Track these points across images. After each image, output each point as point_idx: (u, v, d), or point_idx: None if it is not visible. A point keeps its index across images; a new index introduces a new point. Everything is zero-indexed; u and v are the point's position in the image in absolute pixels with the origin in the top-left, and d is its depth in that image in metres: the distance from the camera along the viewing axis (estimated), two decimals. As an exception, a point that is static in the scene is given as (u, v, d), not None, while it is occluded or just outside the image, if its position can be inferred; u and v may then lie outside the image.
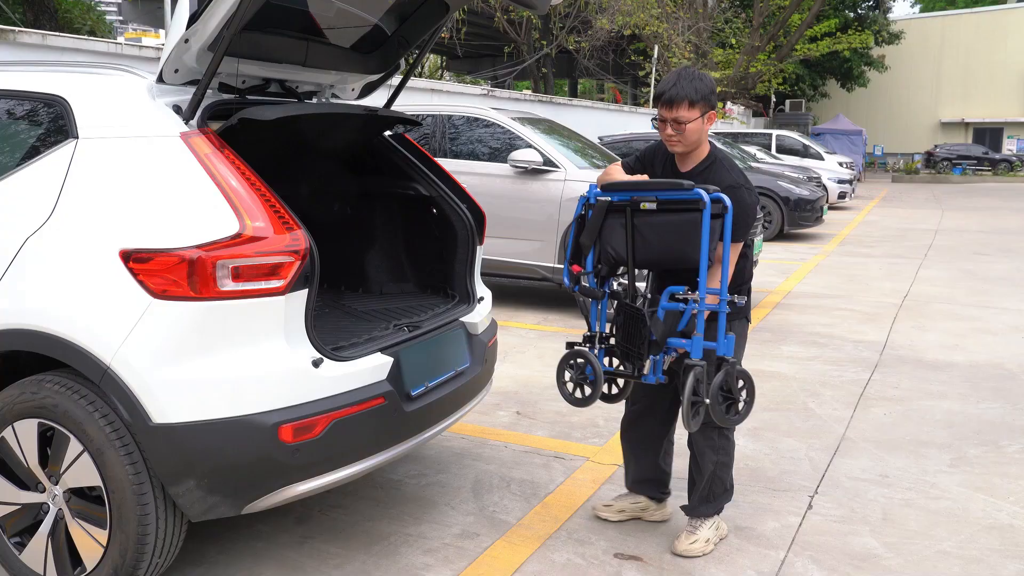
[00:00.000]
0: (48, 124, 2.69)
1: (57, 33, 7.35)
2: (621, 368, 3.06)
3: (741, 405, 2.91)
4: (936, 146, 37.57)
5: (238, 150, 3.18)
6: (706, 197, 2.71)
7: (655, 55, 22.37)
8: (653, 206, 2.82)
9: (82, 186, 2.52)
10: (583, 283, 3.07)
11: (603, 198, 2.93)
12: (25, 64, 3.01)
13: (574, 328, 6.66)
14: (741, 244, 2.96)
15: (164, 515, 2.50)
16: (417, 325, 3.16)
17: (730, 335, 2.87)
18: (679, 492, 3.30)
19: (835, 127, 28.86)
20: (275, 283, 2.44)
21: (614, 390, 3.17)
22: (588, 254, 3.01)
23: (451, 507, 3.44)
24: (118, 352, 2.38)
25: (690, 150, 2.98)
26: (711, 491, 3.10)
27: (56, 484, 2.57)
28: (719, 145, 2.86)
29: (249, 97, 3.02)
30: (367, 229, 3.91)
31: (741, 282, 3.07)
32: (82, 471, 2.49)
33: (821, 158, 18.94)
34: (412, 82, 11.31)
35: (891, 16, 35.79)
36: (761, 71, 26.05)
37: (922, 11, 48.57)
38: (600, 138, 12.34)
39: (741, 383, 2.91)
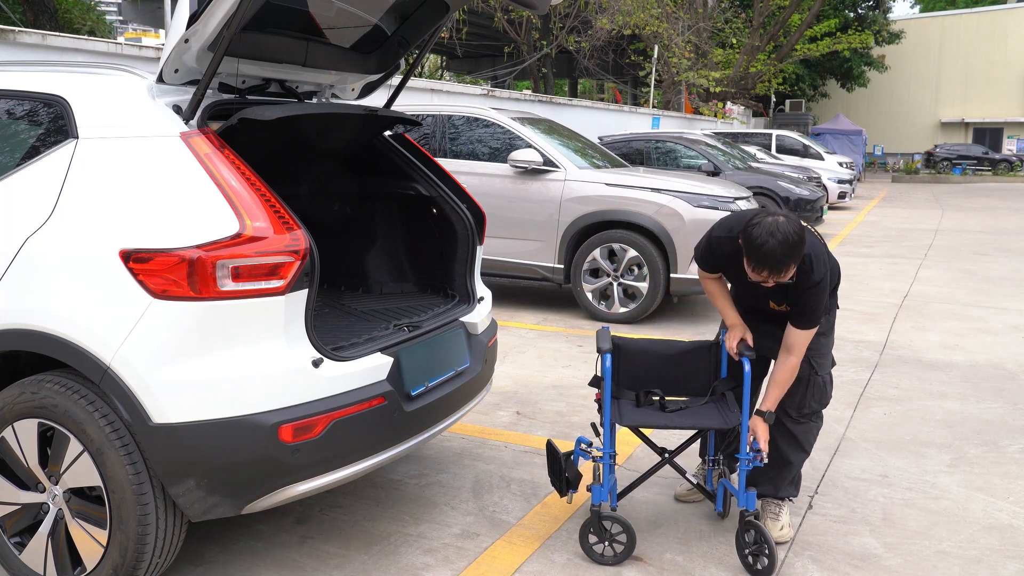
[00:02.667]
0: (48, 124, 2.69)
1: (57, 33, 7.35)
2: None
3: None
4: (936, 146, 37.57)
5: (238, 150, 3.19)
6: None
7: (655, 55, 22.37)
8: None
9: (82, 186, 2.52)
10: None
11: None
12: (25, 64, 3.00)
13: (574, 328, 6.66)
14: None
15: (164, 515, 2.50)
16: (417, 325, 3.16)
17: (750, 491, 2.98)
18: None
19: (835, 127, 28.85)
20: (275, 283, 2.44)
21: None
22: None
23: (451, 507, 3.44)
24: (118, 352, 2.38)
25: None
26: (797, 474, 3.26)
27: (56, 484, 2.57)
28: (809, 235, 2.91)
29: (249, 97, 3.02)
30: (367, 229, 3.91)
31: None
32: (82, 471, 2.49)
33: (821, 158, 18.94)
34: (412, 82, 11.30)
35: (891, 16, 35.79)
36: (761, 71, 26.07)
37: (922, 11, 48.56)
38: (600, 138, 12.35)
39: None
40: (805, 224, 2.84)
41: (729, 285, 3.26)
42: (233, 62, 2.86)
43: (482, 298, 3.65)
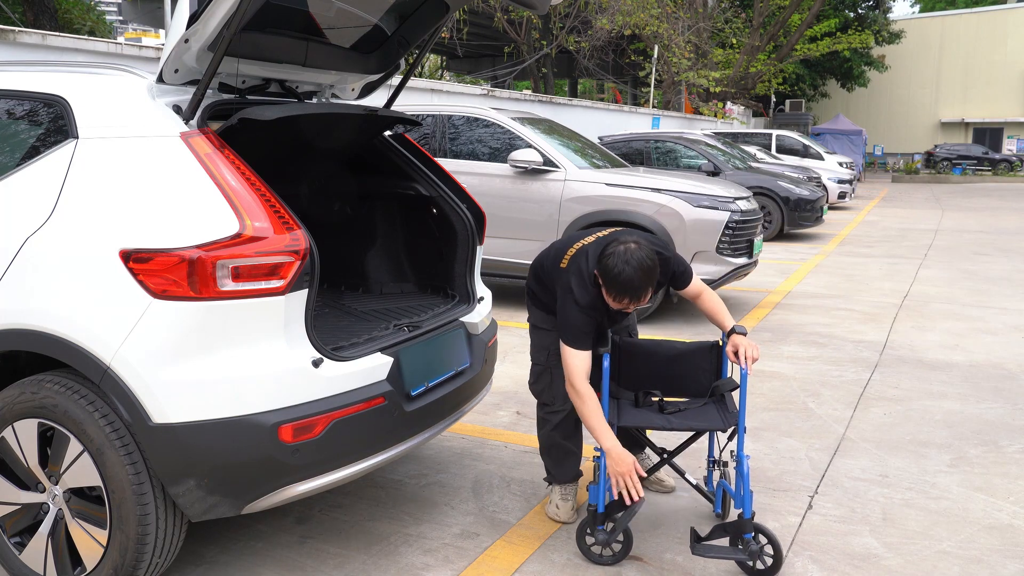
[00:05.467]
0: (48, 124, 2.69)
1: (57, 33, 7.35)
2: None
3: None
4: (936, 146, 37.57)
5: (238, 150, 3.19)
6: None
7: (655, 55, 22.37)
8: None
9: (82, 186, 2.52)
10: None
11: None
12: (25, 64, 3.00)
13: (574, 328, 6.65)
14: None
15: (164, 515, 2.50)
16: (417, 325, 3.16)
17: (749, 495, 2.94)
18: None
19: (835, 127, 28.85)
20: (275, 283, 2.44)
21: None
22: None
23: (451, 507, 3.44)
24: (118, 352, 2.38)
25: None
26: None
27: (56, 484, 2.57)
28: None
29: (249, 97, 3.02)
30: (367, 229, 3.91)
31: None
32: (82, 471, 2.49)
33: (821, 158, 18.94)
34: (412, 82, 11.31)
35: (891, 16, 35.78)
36: (761, 71, 26.08)
37: (922, 11, 48.56)
38: (600, 138, 12.35)
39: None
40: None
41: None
42: (233, 62, 2.86)
43: (482, 298, 3.65)
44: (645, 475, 2.93)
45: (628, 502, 2.84)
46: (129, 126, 2.55)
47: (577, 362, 2.93)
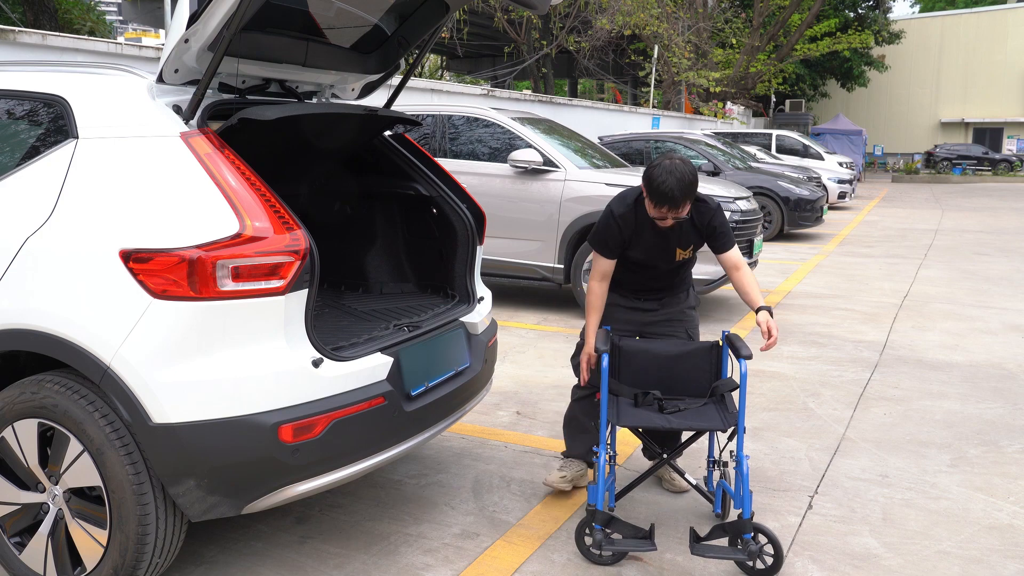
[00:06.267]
0: (48, 124, 2.69)
1: (57, 33, 7.35)
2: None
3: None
4: (936, 146, 37.57)
5: (238, 150, 3.19)
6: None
7: (655, 55, 22.38)
8: None
9: (82, 186, 2.52)
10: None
11: None
12: (25, 64, 3.00)
13: (574, 328, 6.66)
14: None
15: (164, 515, 2.50)
16: (417, 325, 3.16)
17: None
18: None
19: (835, 127, 28.85)
20: (275, 283, 2.44)
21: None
22: None
23: (451, 507, 3.44)
24: (118, 352, 2.38)
25: None
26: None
27: (56, 484, 2.57)
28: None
29: (249, 97, 3.02)
30: (367, 229, 3.91)
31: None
32: (82, 471, 2.49)
33: (821, 158, 18.94)
34: (412, 82, 11.31)
35: (891, 16, 35.78)
36: (761, 71, 26.08)
37: (922, 11, 48.57)
38: (600, 138, 12.35)
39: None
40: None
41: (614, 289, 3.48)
42: (233, 62, 2.86)
43: (482, 298, 3.65)
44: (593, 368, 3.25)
45: (579, 379, 3.36)
46: (129, 126, 2.55)
47: (598, 265, 3.36)
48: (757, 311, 3.18)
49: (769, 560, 2.89)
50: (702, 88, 24.06)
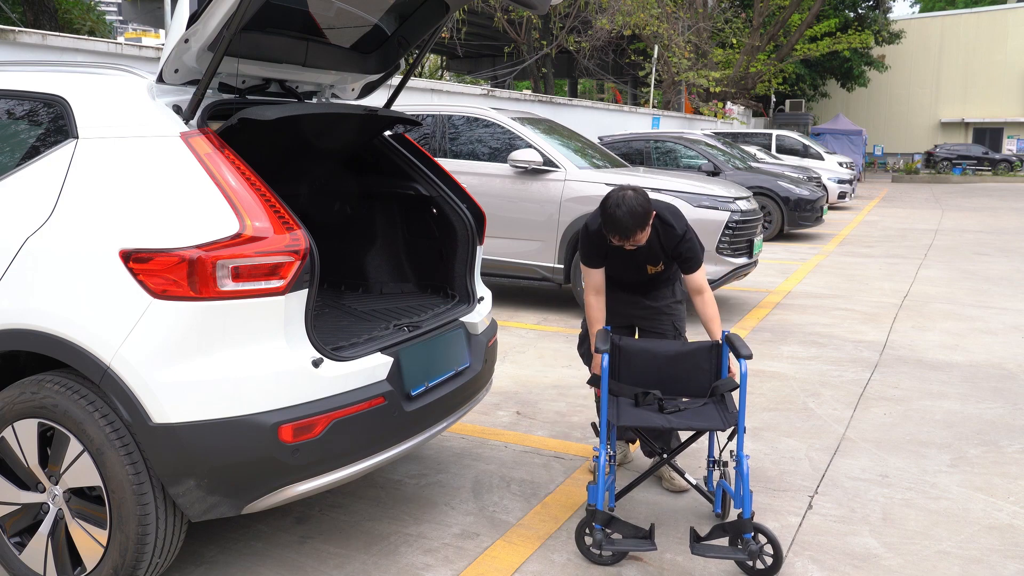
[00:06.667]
0: (48, 124, 2.69)
1: (57, 33, 7.35)
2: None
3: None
4: (936, 146, 37.57)
5: (238, 150, 3.19)
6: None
7: (655, 55, 22.38)
8: None
9: (82, 186, 2.52)
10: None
11: None
12: (25, 64, 3.00)
13: (574, 328, 6.66)
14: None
15: (164, 515, 2.50)
16: (417, 325, 3.16)
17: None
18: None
19: (835, 127, 28.86)
20: (275, 283, 2.44)
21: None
22: None
23: (451, 507, 3.44)
24: (118, 352, 2.38)
25: None
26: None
27: (56, 484, 2.57)
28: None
29: (249, 97, 3.02)
30: (367, 229, 3.91)
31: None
32: (82, 471, 2.49)
33: (821, 158, 18.94)
34: (412, 82, 11.31)
35: (891, 16, 35.78)
36: (761, 71, 26.08)
37: (922, 11, 48.56)
38: (600, 138, 12.35)
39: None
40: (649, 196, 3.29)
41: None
42: (233, 62, 2.86)
43: (482, 298, 3.65)
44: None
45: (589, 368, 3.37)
46: (129, 126, 2.55)
47: (588, 278, 3.49)
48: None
49: (769, 560, 2.89)
50: (702, 88, 24.06)
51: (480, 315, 3.50)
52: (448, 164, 7.20)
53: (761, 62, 26.42)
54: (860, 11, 33.43)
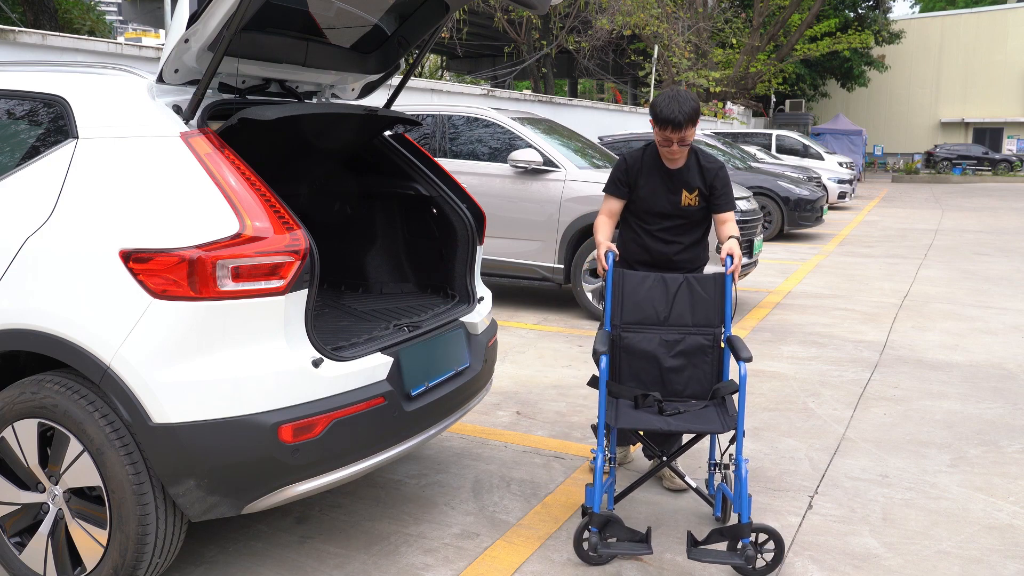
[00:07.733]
0: (48, 124, 2.69)
1: (57, 33, 7.35)
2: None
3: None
4: (936, 146, 37.58)
5: (238, 150, 3.20)
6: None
7: (655, 55, 22.37)
8: None
9: (82, 186, 2.52)
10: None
11: None
12: (25, 64, 3.00)
13: (574, 328, 6.66)
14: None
15: (164, 515, 2.50)
16: (417, 325, 3.16)
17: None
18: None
19: (835, 127, 28.86)
20: (275, 283, 2.44)
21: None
22: None
23: (451, 507, 3.44)
24: (118, 352, 2.38)
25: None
26: None
27: (56, 484, 2.57)
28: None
29: (249, 97, 3.02)
30: (367, 229, 3.91)
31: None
32: (82, 471, 2.49)
33: (821, 158, 18.95)
34: (412, 82, 11.31)
35: (891, 16, 35.78)
36: (761, 71, 26.06)
37: (922, 11, 48.56)
38: (600, 138, 12.35)
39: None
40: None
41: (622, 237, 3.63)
42: (233, 62, 2.86)
43: (482, 298, 3.65)
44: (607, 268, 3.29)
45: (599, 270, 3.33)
46: (129, 126, 2.55)
47: (605, 203, 3.57)
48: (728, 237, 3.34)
49: (769, 556, 2.89)
50: (702, 88, 24.04)
51: (480, 315, 3.50)
52: (448, 164, 7.20)
53: (761, 62, 26.41)
54: (860, 11, 33.42)
